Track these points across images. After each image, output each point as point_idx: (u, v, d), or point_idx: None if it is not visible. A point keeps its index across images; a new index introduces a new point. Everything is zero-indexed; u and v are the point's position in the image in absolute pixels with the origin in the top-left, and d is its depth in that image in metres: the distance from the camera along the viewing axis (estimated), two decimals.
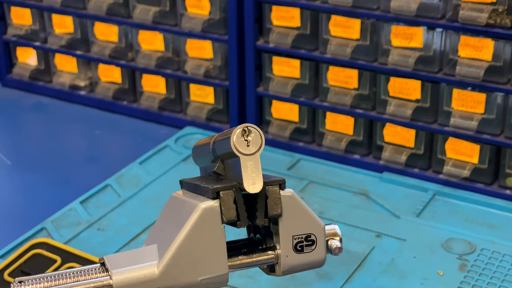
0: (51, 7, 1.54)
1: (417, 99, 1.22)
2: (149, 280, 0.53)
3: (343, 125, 1.30)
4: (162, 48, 1.45)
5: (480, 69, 1.14)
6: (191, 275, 0.53)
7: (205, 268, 0.54)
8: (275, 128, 1.36)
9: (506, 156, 1.17)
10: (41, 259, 1.00)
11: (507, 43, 1.12)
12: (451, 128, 1.19)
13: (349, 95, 1.27)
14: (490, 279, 0.98)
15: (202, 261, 0.53)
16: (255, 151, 0.53)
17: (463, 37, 1.14)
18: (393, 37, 1.20)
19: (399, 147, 1.26)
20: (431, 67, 1.19)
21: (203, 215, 0.53)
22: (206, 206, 0.53)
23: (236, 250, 0.57)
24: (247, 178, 0.52)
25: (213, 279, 0.54)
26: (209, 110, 1.44)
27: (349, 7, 1.22)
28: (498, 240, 1.06)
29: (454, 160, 1.21)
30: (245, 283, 0.97)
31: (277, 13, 1.30)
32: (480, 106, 1.17)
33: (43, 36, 1.59)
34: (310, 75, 1.31)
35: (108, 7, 1.47)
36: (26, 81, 1.63)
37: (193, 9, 1.38)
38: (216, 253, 0.54)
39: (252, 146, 0.52)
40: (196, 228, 0.53)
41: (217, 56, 1.40)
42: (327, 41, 1.26)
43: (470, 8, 1.12)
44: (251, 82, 1.36)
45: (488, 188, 1.19)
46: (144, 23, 1.44)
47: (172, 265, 0.53)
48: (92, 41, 1.52)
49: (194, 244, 0.53)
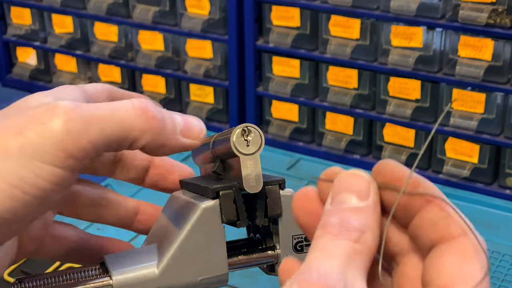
0: (51, 7, 1.54)
1: (417, 99, 1.22)
2: (149, 280, 0.53)
3: (342, 125, 1.30)
4: (162, 48, 1.45)
5: (480, 69, 1.14)
6: (191, 275, 0.53)
7: (205, 268, 0.54)
8: (275, 128, 1.36)
9: (506, 156, 1.17)
10: (41, 259, 0.99)
11: (507, 43, 1.12)
12: (451, 128, 1.19)
13: (348, 95, 1.27)
14: (490, 279, 0.98)
15: (202, 261, 0.53)
16: (255, 151, 0.52)
17: (463, 37, 1.14)
18: (393, 37, 1.20)
19: (399, 147, 1.26)
20: (431, 67, 1.19)
21: (203, 215, 0.53)
22: (206, 206, 0.53)
23: (236, 250, 0.57)
24: (247, 178, 0.52)
25: (213, 279, 0.54)
26: (209, 110, 1.44)
27: (349, 7, 1.22)
28: (498, 240, 1.06)
29: (454, 160, 1.21)
30: (245, 283, 0.97)
31: (277, 13, 1.30)
32: (480, 106, 1.17)
33: (43, 36, 1.59)
34: (310, 75, 1.31)
35: (108, 7, 1.47)
36: (26, 81, 1.63)
37: (193, 9, 1.38)
38: (216, 253, 0.54)
39: (252, 146, 0.52)
40: (196, 228, 0.53)
41: (217, 56, 1.40)
42: (327, 41, 1.26)
43: (470, 8, 1.13)
44: (251, 82, 1.36)
45: (488, 188, 1.19)
46: (144, 23, 1.44)
47: (172, 265, 0.53)
48: (92, 41, 1.52)
49: (194, 244, 0.53)
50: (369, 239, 0.41)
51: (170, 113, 0.50)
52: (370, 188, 0.43)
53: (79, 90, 0.51)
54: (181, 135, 0.50)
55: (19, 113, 0.45)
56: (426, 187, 0.43)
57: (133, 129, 0.46)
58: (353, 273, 0.39)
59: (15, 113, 0.46)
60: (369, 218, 0.42)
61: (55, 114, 0.44)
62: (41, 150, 0.43)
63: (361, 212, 0.42)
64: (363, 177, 0.44)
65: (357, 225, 0.41)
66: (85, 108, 0.45)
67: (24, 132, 0.43)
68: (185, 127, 0.50)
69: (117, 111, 0.46)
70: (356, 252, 0.40)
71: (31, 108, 0.46)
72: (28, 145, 0.43)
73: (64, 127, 0.44)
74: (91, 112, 0.45)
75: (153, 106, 0.48)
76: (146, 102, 0.48)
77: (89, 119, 0.45)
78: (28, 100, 0.48)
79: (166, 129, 0.48)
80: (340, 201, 0.42)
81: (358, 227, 0.41)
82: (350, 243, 0.40)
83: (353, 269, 0.40)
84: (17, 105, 0.48)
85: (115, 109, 0.46)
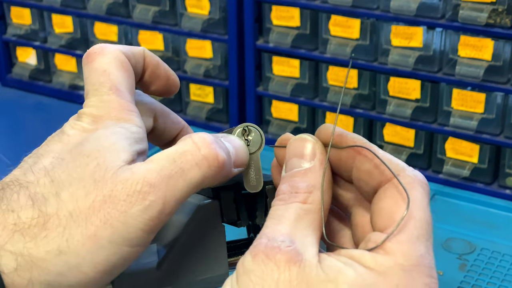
0: (51, 7, 1.54)
1: (417, 99, 1.22)
2: (149, 279, 0.53)
3: (342, 125, 1.30)
4: (162, 48, 1.45)
5: (480, 68, 1.14)
6: (191, 275, 0.53)
7: (205, 268, 0.54)
8: (275, 128, 1.36)
9: (506, 156, 1.17)
10: None
11: (507, 43, 1.12)
12: (451, 128, 1.19)
13: (348, 94, 1.27)
14: (490, 278, 0.98)
15: (202, 261, 0.53)
16: (256, 151, 0.53)
17: (463, 37, 1.14)
18: (392, 36, 1.20)
19: (398, 147, 1.26)
20: (431, 67, 1.19)
21: (203, 215, 0.53)
22: (206, 206, 0.53)
23: (236, 249, 0.57)
24: (247, 178, 0.52)
25: (213, 278, 0.54)
26: (208, 109, 1.44)
27: (349, 7, 1.22)
28: (498, 239, 1.06)
29: (454, 159, 1.21)
30: None
31: (277, 13, 1.30)
32: (480, 106, 1.17)
33: (43, 35, 1.59)
34: (310, 74, 1.31)
35: (108, 7, 1.47)
36: (26, 81, 1.63)
37: (192, 8, 1.38)
38: (216, 252, 0.54)
39: (252, 145, 0.52)
40: (196, 228, 0.53)
41: (216, 56, 1.40)
42: (327, 40, 1.26)
43: (470, 8, 1.13)
44: (251, 81, 1.36)
45: (488, 187, 1.19)
46: (143, 22, 1.44)
47: (172, 265, 0.53)
48: (92, 41, 1.52)
49: (194, 244, 0.53)
50: (317, 198, 0.44)
51: (225, 144, 0.49)
52: (316, 149, 0.46)
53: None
54: (233, 167, 0.50)
55: (88, 177, 0.44)
56: (353, 139, 0.46)
57: (204, 182, 0.46)
58: (303, 231, 0.42)
59: (83, 176, 0.45)
60: (316, 178, 0.45)
61: (139, 201, 0.44)
62: (128, 237, 0.44)
63: (308, 173, 0.45)
64: (308, 140, 0.47)
65: (305, 187, 0.44)
66: (160, 184, 0.44)
67: (112, 223, 0.44)
68: (236, 159, 0.50)
69: (186, 171, 0.45)
70: (305, 212, 0.43)
71: (102, 183, 0.44)
72: (117, 235, 0.44)
73: (146, 213, 0.44)
74: (165, 187, 0.45)
75: (216, 145, 0.47)
76: (210, 140, 0.46)
77: (166, 196, 0.45)
78: (89, 158, 0.46)
79: (226, 168, 0.47)
80: (290, 167, 0.46)
81: (306, 188, 0.44)
82: (299, 205, 0.43)
83: (303, 228, 0.42)
84: (77, 153, 0.46)
85: (184, 168, 0.45)
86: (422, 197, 0.44)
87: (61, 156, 0.46)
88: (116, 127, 0.47)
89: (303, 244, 0.41)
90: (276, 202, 0.44)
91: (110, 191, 0.44)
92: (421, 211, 0.43)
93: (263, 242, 0.41)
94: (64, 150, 0.47)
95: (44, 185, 0.45)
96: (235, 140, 0.51)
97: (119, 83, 0.49)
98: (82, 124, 0.48)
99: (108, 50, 0.50)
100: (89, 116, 0.48)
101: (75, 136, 0.47)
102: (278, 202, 0.44)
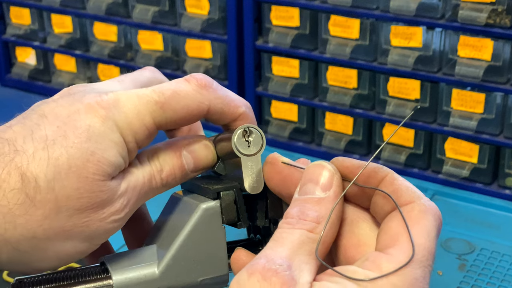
0: (50, 7, 1.54)
1: (417, 99, 1.22)
2: (149, 280, 0.53)
3: (342, 125, 1.30)
4: (161, 48, 1.45)
5: (480, 69, 1.14)
6: (191, 276, 0.53)
7: (205, 269, 0.54)
8: (275, 128, 1.36)
9: (506, 156, 1.17)
10: None
11: (507, 43, 1.12)
12: (451, 128, 1.19)
13: (348, 95, 1.27)
14: (490, 278, 0.98)
15: (202, 262, 0.53)
16: (256, 152, 0.53)
17: (463, 37, 1.14)
18: (392, 37, 1.20)
19: (398, 147, 1.26)
20: (431, 67, 1.19)
21: (203, 216, 0.53)
22: (207, 207, 0.53)
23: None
24: (247, 179, 0.52)
25: (214, 279, 0.54)
26: None
27: (349, 7, 1.22)
28: (498, 240, 1.06)
29: (454, 160, 1.21)
30: None
31: (276, 13, 1.30)
32: (479, 106, 1.17)
33: (42, 35, 1.59)
34: (310, 75, 1.31)
35: (107, 7, 1.47)
36: (25, 81, 1.63)
37: (192, 9, 1.38)
38: (217, 253, 0.54)
39: (253, 146, 0.53)
40: (197, 229, 0.53)
41: (216, 56, 1.40)
42: (327, 41, 1.26)
43: (469, 8, 1.13)
44: (251, 82, 1.36)
45: (488, 188, 1.19)
46: (143, 22, 1.44)
47: (172, 265, 0.53)
48: (91, 41, 1.52)
49: (194, 245, 0.53)
50: (325, 229, 0.44)
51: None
52: (333, 179, 0.46)
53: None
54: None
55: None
56: (376, 174, 0.47)
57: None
58: (302, 258, 0.43)
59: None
60: (328, 210, 0.45)
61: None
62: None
63: (321, 203, 0.45)
64: (327, 168, 0.47)
65: (314, 216, 0.44)
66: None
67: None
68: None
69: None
70: (310, 240, 0.44)
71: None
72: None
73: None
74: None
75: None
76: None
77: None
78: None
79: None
80: (305, 191, 0.46)
81: (315, 218, 0.44)
82: (305, 232, 0.44)
83: (304, 254, 0.43)
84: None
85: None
86: (431, 227, 0.44)
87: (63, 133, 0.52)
88: None
89: (300, 270, 0.42)
90: (283, 224, 0.45)
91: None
92: (425, 239, 0.43)
93: (261, 263, 0.42)
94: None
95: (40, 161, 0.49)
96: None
97: None
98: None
99: None
100: None
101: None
102: (285, 225, 0.45)
